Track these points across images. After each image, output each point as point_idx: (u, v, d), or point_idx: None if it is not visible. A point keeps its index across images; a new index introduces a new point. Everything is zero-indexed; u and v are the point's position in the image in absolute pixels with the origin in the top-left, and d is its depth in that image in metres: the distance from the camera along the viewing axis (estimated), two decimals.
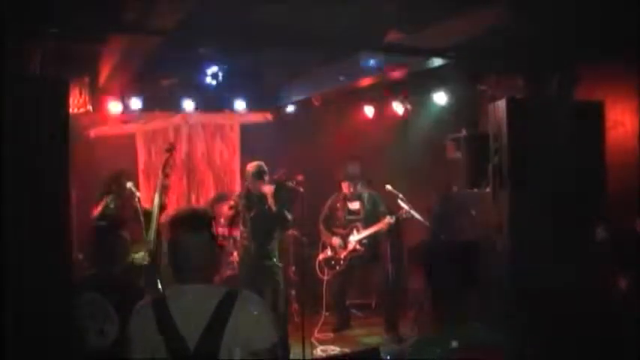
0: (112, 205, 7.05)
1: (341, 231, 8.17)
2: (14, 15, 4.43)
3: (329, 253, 8.19)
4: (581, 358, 5.43)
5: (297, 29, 5.98)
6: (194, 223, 2.94)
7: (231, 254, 7.46)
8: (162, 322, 2.79)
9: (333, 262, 8.15)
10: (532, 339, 5.55)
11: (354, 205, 8.19)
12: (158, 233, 6.60)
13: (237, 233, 7.09)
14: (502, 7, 5.34)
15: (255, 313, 2.86)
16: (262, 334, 2.85)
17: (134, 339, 2.89)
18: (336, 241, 8.10)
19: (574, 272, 5.85)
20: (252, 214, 6.94)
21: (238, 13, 5.63)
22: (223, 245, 7.67)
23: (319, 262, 8.26)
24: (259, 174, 6.93)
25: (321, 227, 8.27)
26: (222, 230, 8.24)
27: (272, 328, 2.92)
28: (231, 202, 7.29)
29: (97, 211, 7.08)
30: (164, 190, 6.52)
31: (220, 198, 8.92)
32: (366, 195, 8.16)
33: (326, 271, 8.19)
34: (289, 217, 6.96)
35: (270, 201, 6.81)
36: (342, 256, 8.07)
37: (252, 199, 6.99)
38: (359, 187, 8.12)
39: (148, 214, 6.72)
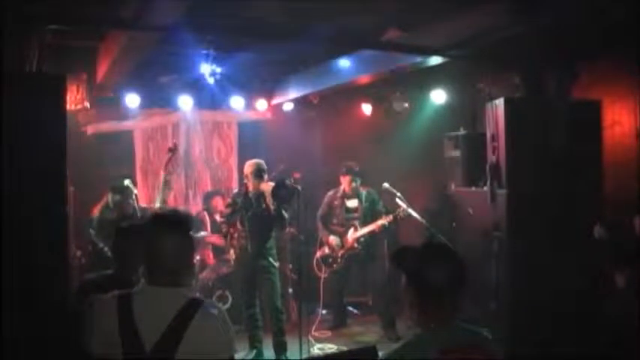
0: (112, 204, 7.05)
1: (339, 229, 8.16)
2: (11, 11, 4.42)
3: (326, 250, 8.18)
4: (578, 356, 5.43)
5: (295, 26, 5.97)
6: (174, 225, 2.88)
7: (228, 252, 7.44)
8: (123, 319, 2.74)
9: (330, 260, 8.14)
10: (529, 338, 5.56)
11: (352, 203, 8.17)
12: None
13: (235, 231, 7.08)
14: (500, 6, 5.33)
15: (216, 324, 2.80)
16: (220, 346, 2.79)
17: (93, 330, 2.83)
18: (334, 239, 8.10)
19: (571, 271, 5.86)
20: (249, 212, 6.92)
21: (236, 9, 5.62)
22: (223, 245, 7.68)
23: (317, 259, 8.25)
24: (259, 173, 6.90)
25: (320, 224, 8.26)
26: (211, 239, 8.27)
27: (231, 341, 2.87)
28: (229, 200, 7.28)
29: (96, 210, 7.08)
30: (166, 186, 6.51)
31: (213, 193, 8.94)
32: (364, 193, 8.14)
33: (323, 268, 8.18)
34: (286, 215, 6.95)
35: (268, 199, 6.80)
36: (340, 254, 8.07)
37: (249, 197, 6.97)
38: (357, 184, 8.10)
39: (145, 212, 6.70)
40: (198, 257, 8.05)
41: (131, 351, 2.70)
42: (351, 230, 8.04)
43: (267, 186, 6.81)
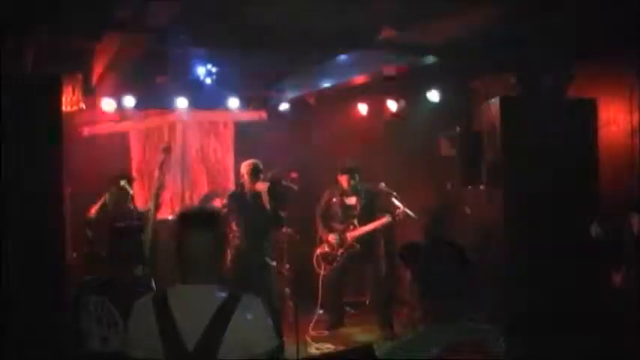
0: (110, 205, 7.03)
1: (338, 226, 8.16)
2: (6, 13, 4.41)
3: (326, 248, 8.17)
4: (578, 354, 5.44)
5: (290, 27, 5.98)
6: (203, 221, 2.90)
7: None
8: (162, 320, 2.75)
9: (330, 258, 8.14)
10: (528, 336, 5.56)
11: (351, 201, 8.16)
12: (154, 233, 6.56)
13: (230, 232, 7.07)
14: (496, 6, 5.35)
15: (257, 317, 2.83)
16: (263, 338, 2.83)
17: (132, 334, 2.86)
18: (333, 237, 8.09)
19: (569, 269, 5.86)
20: (245, 213, 6.92)
21: (231, 11, 5.62)
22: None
23: (316, 256, 8.24)
24: (255, 173, 6.90)
25: (319, 222, 8.26)
26: None
27: (273, 332, 2.90)
28: (224, 201, 7.27)
29: (93, 211, 7.06)
30: (160, 189, 6.49)
31: (211, 196, 8.91)
32: (363, 190, 8.14)
33: (323, 266, 8.18)
34: (282, 215, 6.94)
35: (265, 199, 6.80)
36: (339, 253, 8.06)
37: (245, 197, 6.97)
38: (356, 181, 8.10)
39: (140, 213, 6.67)
40: None
41: (173, 352, 2.72)
42: (350, 228, 8.04)
43: (264, 186, 6.81)
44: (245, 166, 7.02)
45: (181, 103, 8.77)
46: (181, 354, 2.71)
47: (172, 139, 9.36)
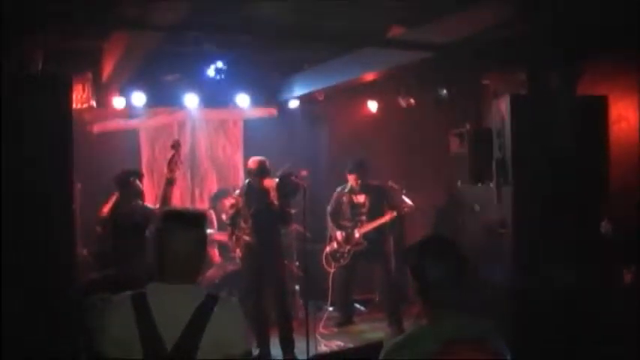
0: (121, 204, 7.05)
1: (347, 224, 8.18)
2: (17, 11, 4.43)
3: (335, 246, 8.19)
4: (585, 352, 5.42)
5: (299, 25, 5.98)
6: (186, 221, 2.88)
7: (234, 250, 7.45)
8: (141, 319, 2.73)
9: (338, 255, 8.16)
10: (535, 335, 5.54)
11: (360, 199, 8.18)
12: None
13: (239, 230, 7.08)
14: (505, 3, 5.33)
15: (234, 318, 2.84)
16: (239, 339, 2.84)
17: (107, 332, 2.80)
18: (342, 234, 8.11)
19: (578, 267, 5.84)
20: (253, 210, 6.92)
21: (240, 8, 5.63)
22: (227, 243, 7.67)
23: (326, 254, 8.27)
24: (261, 170, 6.91)
25: (329, 221, 8.28)
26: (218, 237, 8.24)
27: (247, 335, 2.94)
28: (232, 201, 7.28)
29: (107, 209, 7.08)
30: (170, 185, 6.51)
31: (221, 194, 8.91)
32: (371, 188, 8.15)
33: (332, 264, 8.20)
34: (291, 212, 6.95)
35: (273, 196, 6.80)
36: (347, 250, 8.08)
37: (253, 194, 6.97)
38: (364, 179, 8.11)
39: (150, 211, 6.69)
40: None
41: (152, 351, 2.70)
42: (358, 226, 8.06)
43: (272, 182, 6.82)
44: (252, 163, 7.03)
45: (191, 100, 8.78)
46: (160, 353, 2.70)
47: (182, 137, 9.38)
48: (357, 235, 8.04)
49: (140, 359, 2.70)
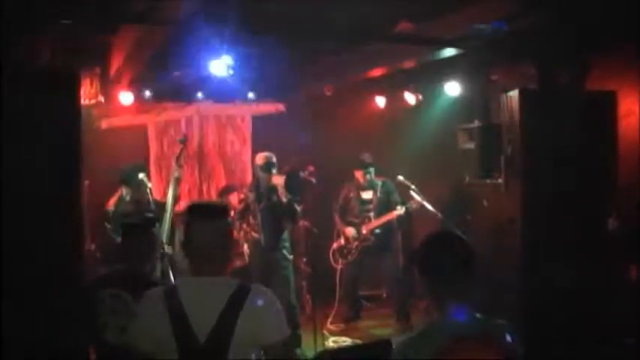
0: (127, 198, 7.08)
1: (355, 220, 8.18)
2: (25, 7, 4.43)
3: (342, 242, 8.20)
4: (593, 349, 5.41)
5: (307, 19, 5.96)
6: (212, 213, 2.92)
7: (242, 247, 7.45)
8: (174, 313, 2.75)
9: (345, 251, 8.16)
10: (545, 330, 5.53)
11: (367, 195, 8.19)
12: (172, 224, 6.58)
13: (247, 226, 7.09)
14: None
15: (268, 307, 2.85)
16: (274, 328, 2.85)
17: (142, 327, 2.85)
18: (350, 230, 8.11)
19: (586, 263, 5.82)
20: (261, 206, 6.93)
21: (249, 2, 5.61)
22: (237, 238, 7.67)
23: (333, 250, 8.27)
24: (267, 166, 6.91)
25: (336, 217, 8.28)
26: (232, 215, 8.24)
27: (284, 322, 2.92)
28: (241, 196, 7.28)
29: (111, 203, 7.10)
30: (177, 180, 6.52)
31: (229, 189, 8.91)
32: (379, 184, 8.16)
33: (340, 260, 8.20)
34: (298, 208, 6.94)
35: (281, 192, 6.80)
36: (354, 246, 8.08)
37: (261, 190, 6.98)
38: (372, 175, 8.11)
39: (159, 206, 6.71)
40: None
41: (185, 345, 2.72)
42: (366, 222, 8.06)
43: (280, 178, 6.82)
44: (258, 159, 7.04)
45: (199, 96, 8.78)
46: (193, 346, 2.72)
47: (190, 132, 9.39)
48: (364, 231, 8.04)
49: (174, 354, 2.72)
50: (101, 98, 7.77)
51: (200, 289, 2.84)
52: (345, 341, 7.49)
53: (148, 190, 6.84)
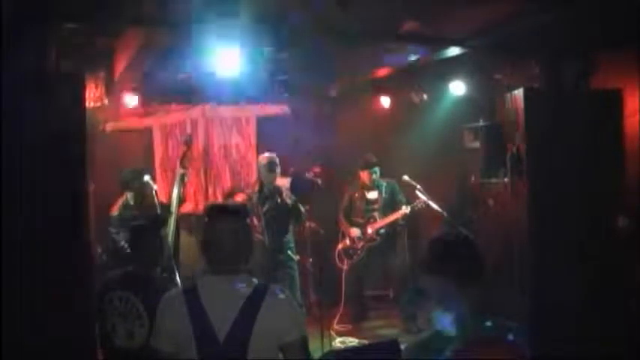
0: (132, 202, 7.09)
1: (360, 221, 8.17)
2: (29, 10, 4.43)
3: (348, 242, 8.19)
4: (605, 346, 5.39)
5: (312, 20, 5.95)
6: (230, 213, 2.95)
7: None
8: (193, 312, 2.78)
9: (351, 252, 8.16)
10: (554, 331, 5.52)
11: (373, 195, 8.19)
12: (177, 226, 6.58)
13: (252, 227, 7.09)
14: None
15: (286, 306, 2.87)
16: (292, 327, 2.87)
17: (161, 326, 2.88)
18: (355, 231, 8.11)
19: (594, 262, 5.80)
20: (265, 207, 6.92)
21: (256, 4, 5.61)
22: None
23: (338, 251, 8.27)
24: (270, 167, 6.92)
25: (341, 218, 8.28)
26: None
27: (302, 321, 2.95)
28: (244, 196, 7.29)
29: (115, 208, 7.11)
30: (182, 178, 6.53)
31: (234, 191, 8.92)
32: (384, 184, 8.16)
33: (345, 260, 8.20)
34: (303, 209, 6.94)
35: (285, 193, 6.80)
36: (360, 246, 8.08)
37: (265, 192, 6.98)
38: (377, 175, 8.11)
39: (164, 208, 6.71)
40: None
41: (205, 344, 2.75)
42: (371, 222, 8.05)
43: (284, 180, 6.83)
44: (261, 160, 7.05)
45: (204, 98, 8.78)
46: (213, 344, 2.74)
47: (195, 135, 9.38)
48: (370, 231, 8.04)
49: (193, 353, 2.75)
50: (106, 101, 7.78)
51: (219, 288, 2.86)
52: (352, 341, 7.49)
53: (154, 193, 6.84)
